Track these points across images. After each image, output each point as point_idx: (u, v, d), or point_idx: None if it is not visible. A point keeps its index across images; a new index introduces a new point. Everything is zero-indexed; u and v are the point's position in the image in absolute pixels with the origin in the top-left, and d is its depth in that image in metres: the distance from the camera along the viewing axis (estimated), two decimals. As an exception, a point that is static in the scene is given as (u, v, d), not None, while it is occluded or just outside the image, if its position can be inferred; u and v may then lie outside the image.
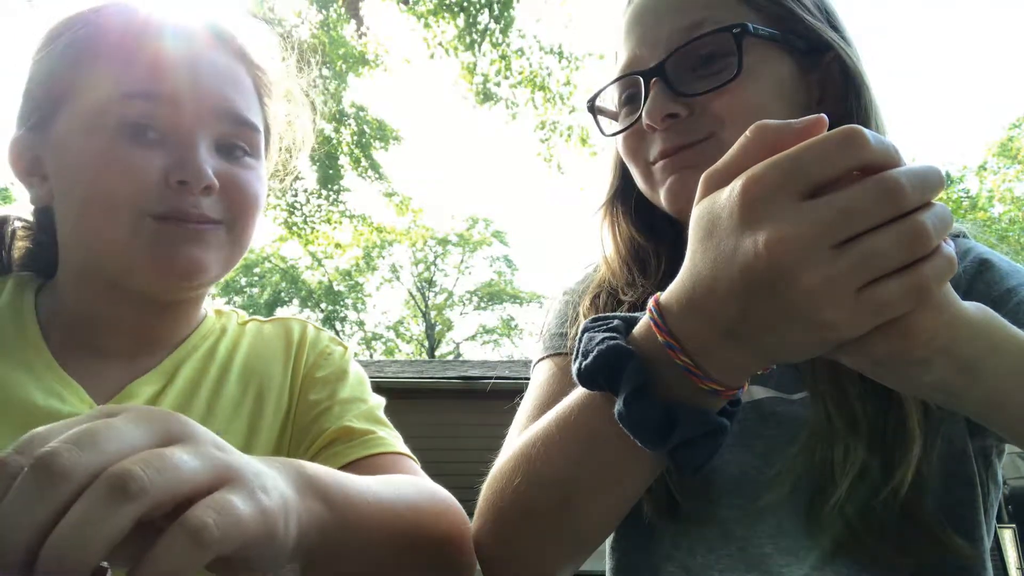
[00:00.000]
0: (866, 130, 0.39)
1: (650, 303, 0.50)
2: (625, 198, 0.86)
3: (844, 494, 0.62)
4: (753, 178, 0.41)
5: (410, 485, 0.66)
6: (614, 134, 0.79)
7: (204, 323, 0.84)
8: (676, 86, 0.70)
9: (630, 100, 0.77)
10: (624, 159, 0.79)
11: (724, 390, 0.48)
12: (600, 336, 0.53)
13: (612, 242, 0.85)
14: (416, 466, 0.77)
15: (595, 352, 0.52)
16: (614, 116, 0.81)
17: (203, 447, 0.39)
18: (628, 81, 0.76)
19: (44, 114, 0.72)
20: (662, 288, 0.53)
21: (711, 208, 0.44)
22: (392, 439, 0.78)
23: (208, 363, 0.80)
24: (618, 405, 0.50)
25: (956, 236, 0.75)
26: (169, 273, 0.70)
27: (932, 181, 0.40)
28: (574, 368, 0.55)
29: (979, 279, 0.68)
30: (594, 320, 0.56)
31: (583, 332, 0.56)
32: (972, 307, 0.44)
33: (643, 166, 0.76)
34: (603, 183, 0.88)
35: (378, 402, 0.85)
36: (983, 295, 0.66)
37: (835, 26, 0.75)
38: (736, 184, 0.42)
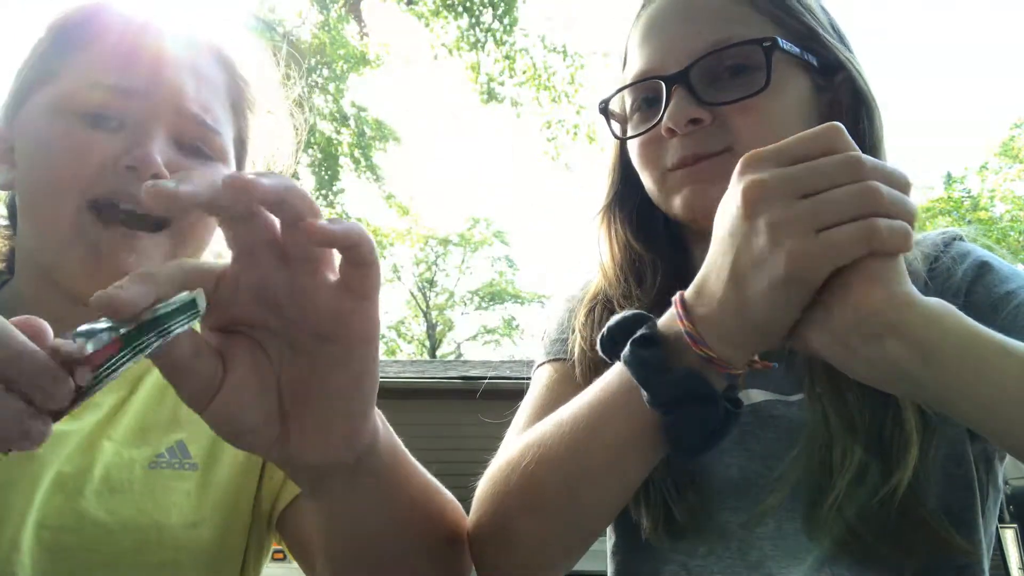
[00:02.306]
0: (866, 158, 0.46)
1: (676, 296, 0.56)
2: (623, 204, 0.85)
3: (842, 494, 0.62)
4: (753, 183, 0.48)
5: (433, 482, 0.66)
6: (630, 137, 0.78)
7: None
8: (700, 94, 0.70)
9: (644, 106, 0.76)
10: (637, 164, 0.78)
11: (716, 358, 0.52)
12: (627, 313, 0.61)
13: (608, 248, 0.85)
14: None
15: (619, 319, 0.60)
16: (622, 120, 0.80)
17: None
18: (645, 86, 0.75)
19: (20, 99, 0.73)
20: (657, 302, 0.66)
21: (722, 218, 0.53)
22: None
23: None
24: (625, 350, 0.55)
25: (953, 239, 0.75)
26: (94, 275, 0.67)
27: (895, 172, 0.47)
28: (598, 339, 0.61)
29: (978, 282, 0.68)
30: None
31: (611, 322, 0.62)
32: (932, 300, 0.47)
33: (658, 173, 0.75)
34: (601, 188, 0.87)
35: None
36: (982, 298, 0.66)
37: (847, 46, 0.76)
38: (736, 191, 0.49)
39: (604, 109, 0.81)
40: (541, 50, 10.17)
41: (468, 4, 9.26)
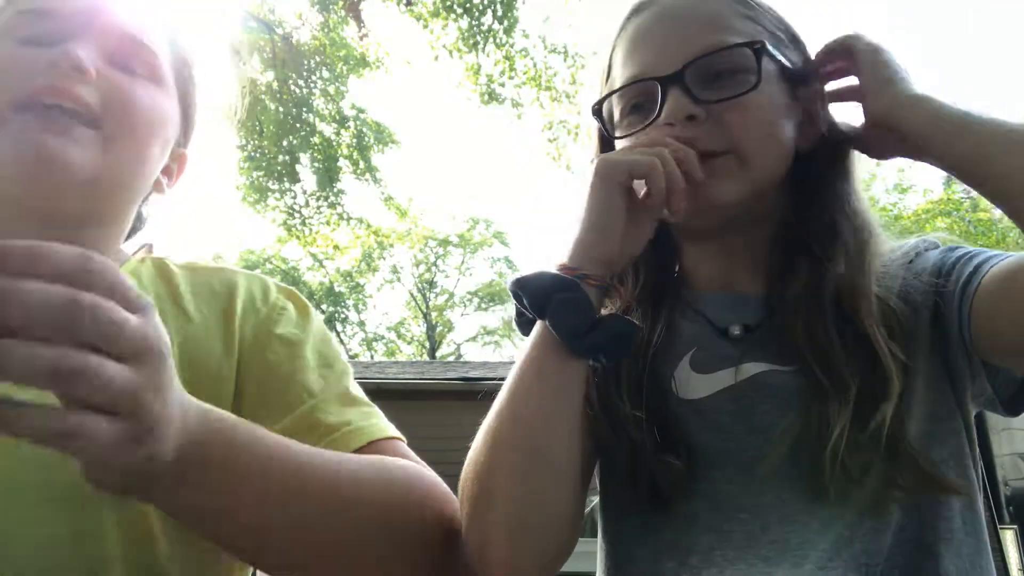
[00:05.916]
0: None
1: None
2: None
3: (844, 438, 0.65)
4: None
5: (384, 472, 0.66)
6: (627, 135, 0.80)
7: (126, 265, 0.79)
8: (695, 93, 0.74)
9: (635, 110, 0.80)
10: None
11: (577, 270, 0.69)
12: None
13: None
14: (403, 447, 0.75)
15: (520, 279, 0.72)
16: (610, 128, 0.84)
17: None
18: (635, 92, 0.79)
19: None
20: (640, 299, 0.84)
21: None
22: (368, 423, 0.75)
23: None
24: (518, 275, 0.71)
25: (931, 246, 0.80)
26: (31, 167, 0.67)
27: None
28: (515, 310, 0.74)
29: (941, 257, 0.76)
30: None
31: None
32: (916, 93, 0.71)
33: None
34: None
35: (346, 367, 0.81)
36: (940, 265, 0.75)
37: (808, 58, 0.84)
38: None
39: (597, 111, 0.84)
40: (542, 51, 10.17)
41: (468, 5, 9.26)
